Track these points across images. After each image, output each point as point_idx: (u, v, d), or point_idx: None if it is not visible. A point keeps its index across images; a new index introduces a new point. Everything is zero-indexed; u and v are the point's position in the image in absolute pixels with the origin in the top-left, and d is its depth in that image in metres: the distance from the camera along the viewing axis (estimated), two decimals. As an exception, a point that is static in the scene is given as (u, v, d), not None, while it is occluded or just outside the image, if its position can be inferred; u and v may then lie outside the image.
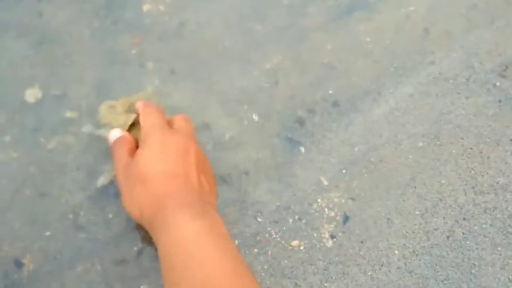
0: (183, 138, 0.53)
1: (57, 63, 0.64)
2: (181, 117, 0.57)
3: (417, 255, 0.58)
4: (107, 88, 0.64)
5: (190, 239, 0.44)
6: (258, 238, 0.58)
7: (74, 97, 0.63)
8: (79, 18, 0.67)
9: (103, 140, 0.57)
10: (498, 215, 0.60)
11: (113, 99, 0.60)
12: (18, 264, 0.56)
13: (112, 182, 0.59)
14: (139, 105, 0.57)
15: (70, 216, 0.58)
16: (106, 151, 0.60)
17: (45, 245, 0.57)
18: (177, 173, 0.50)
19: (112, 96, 0.62)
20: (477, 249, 0.58)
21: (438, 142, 0.64)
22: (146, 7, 0.69)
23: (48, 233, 0.57)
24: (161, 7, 0.69)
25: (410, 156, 0.63)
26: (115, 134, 0.56)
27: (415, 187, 0.61)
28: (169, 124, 0.56)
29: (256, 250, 0.58)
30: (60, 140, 0.61)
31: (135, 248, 0.57)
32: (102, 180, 0.59)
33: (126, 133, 0.56)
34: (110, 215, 0.58)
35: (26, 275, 0.55)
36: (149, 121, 0.54)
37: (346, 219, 0.60)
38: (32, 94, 0.63)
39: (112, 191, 0.59)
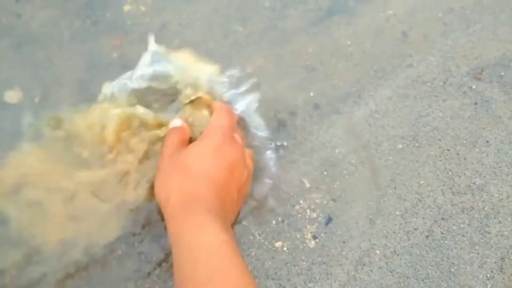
0: (238, 151, 0.53)
1: (37, 64, 0.63)
2: (241, 136, 0.57)
3: (398, 254, 0.59)
4: (88, 89, 0.63)
5: (216, 247, 0.45)
6: (241, 240, 0.59)
7: (54, 99, 0.62)
8: (59, 19, 0.66)
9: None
10: (475, 215, 0.62)
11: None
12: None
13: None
14: (216, 104, 0.57)
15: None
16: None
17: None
18: (218, 181, 0.50)
19: (93, 98, 0.62)
20: (455, 248, 0.60)
21: (417, 144, 0.66)
22: (127, 8, 0.68)
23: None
24: (142, 8, 0.69)
25: (390, 158, 0.65)
26: (176, 123, 0.56)
27: (395, 188, 0.63)
28: (234, 126, 0.56)
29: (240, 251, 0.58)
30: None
31: (119, 252, 0.57)
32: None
33: (185, 125, 0.56)
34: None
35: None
36: (218, 121, 0.54)
37: (328, 220, 0.61)
38: (11, 96, 0.62)
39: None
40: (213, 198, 0.49)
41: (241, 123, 0.59)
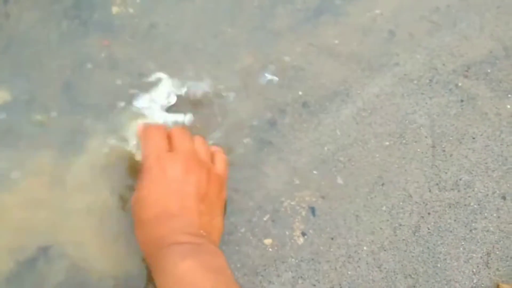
0: (181, 166, 0.52)
1: (25, 65, 0.64)
2: (178, 132, 0.56)
3: (385, 250, 0.60)
4: (76, 91, 0.64)
5: (182, 279, 0.44)
6: (231, 237, 0.59)
7: (43, 100, 0.62)
8: (47, 20, 0.66)
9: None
10: (462, 211, 0.63)
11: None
12: None
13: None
14: (139, 128, 0.57)
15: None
16: (80, 154, 0.60)
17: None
18: (171, 211, 0.50)
19: (81, 99, 0.63)
20: (442, 243, 0.61)
21: (404, 141, 0.66)
22: (115, 9, 0.69)
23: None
24: (130, 9, 0.69)
25: (377, 155, 0.65)
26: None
27: (382, 185, 0.63)
28: (166, 142, 0.55)
29: (229, 248, 0.59)
30: (29, 143, 0.60)
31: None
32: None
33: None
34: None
35: None
36: (147, 148, 0.54)
37: (316, 217, 0.61)
38: (0, 97, 0.62)
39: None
40: (172, 230, 0.49)
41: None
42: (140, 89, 0.64)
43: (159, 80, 0.65)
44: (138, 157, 0.60)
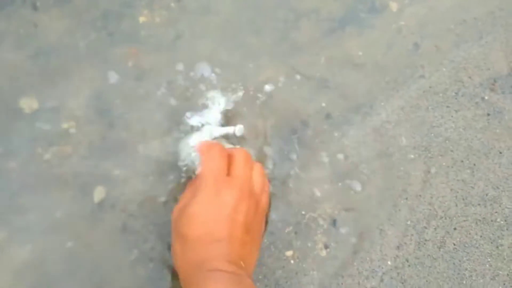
0: (236, 193, 0.52)
1: (53, 74, 0.65)
2: (241, 159, 0.55)
3: (409, 265, 0.59)
4: (103, 99, 0.64)
5: None
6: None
7: (70, 108, 0.63)
8: (75, 30, 0.67)
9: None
10: (488, 227, 0.61)
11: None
12: (17, 276, 0.55)
13: (108, 195, 0.59)
14: (202, 146, 0.56)
15: (66, 226, 0.58)
16: (105, 163, 0.61)
17: (42, 255, 0.56)
18: (218, 236, 0.49)
19: (108, 108, 0.63)
20: (468, 260, 0.59)
21: (429, 155, 0.66)
22: (142, 19, 0.69)
23: (44, 244, 0.57)
24: (157, 19, 0.70)
25: (402, 168, 0.65)
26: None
27: (406, 199, 0.63)
28: (229, 162, 0.55)
29: (251, 260, 0.58)
30: (56, 151, 0.61)
31: (131, 257, 0.57)
32: (99, 194, 0.59)
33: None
34: (106, 225, 0.59)
35: (23, 286, 0.55)
36: (207, 167, 0.54)
37: (339, 230, 0.61)
38: (27, 105, 0.63)
39: (108, 203, 0.59)
40: (217, 256, 0.48)
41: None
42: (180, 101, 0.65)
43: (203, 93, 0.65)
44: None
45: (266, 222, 0.60)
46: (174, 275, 0.57)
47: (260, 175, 0.56)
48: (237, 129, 0.57)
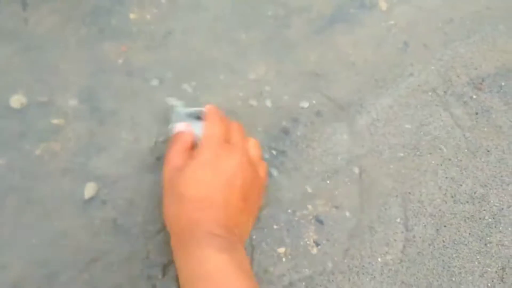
0: (237, 159, 0.52)
1: (42, 70, 0.64)
2: (238, 129, 0.57)
3: (399, 262, 0.60)
4: (92, 95, 0.64)
5: (214, 272, 0.44)
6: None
7: (60, 104, 0.63)
8: (65, 26, 0.67)
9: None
10: (477, 224, 0.62)
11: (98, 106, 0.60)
12: (4, 271, 0.55)
13: (99, 192, 0.59)
14: (208, 109, 0.58)
15: (56, 223, 0.57)
16: (95, 158, 0.60)
17: (31, 252, 0.56)
18: (216, 199, 0.50)
19: (98, 104, 0.63)
20: (457, 257, 0.60)
21: (418, 153, 0.66)
22: (132, 16, 0.69)
23: (34, 241, 0.56)
24: (148, 16, 0.69)
25: (391, 166, 0.65)
26: (179, 127, 0.56)
27: (396, 196, 0.63)
28: (227, 132, 0.56)
29: (242, 258, 0.58)
30: (46, 147, 0.60)
31: (123, 255, 0.57)
32: (89, 191, 0.59)
33: (188, 132, 0.56)
34: (97, 222, 0.58)
35: (12, 282, 0.54)
36: (210, 131, 0.55)
37: (330, 227, 0.61)
38: (17, 100, 0.62)
39: (98, 200, 0.59)
40: (213, 219, 0.49)
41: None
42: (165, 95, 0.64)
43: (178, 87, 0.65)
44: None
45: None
46: (166, 272, 0.57)
47: (256, 147, 0.57)
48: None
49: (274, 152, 0.64)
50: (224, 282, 0.44)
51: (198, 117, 0.59)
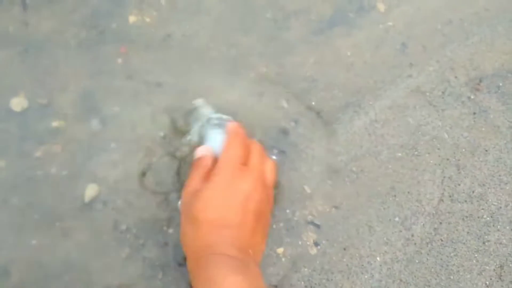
0: (251, 182, 0.53)
1: (43, 72, 0.64)
2: (258, 151, 0.57)
3: (398, 261, 0.60)
4: (93, 98, 0.64)
5: None
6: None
7: (60, 107, 0.63)
8: (65, 29, 0.67)
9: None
10: (475, 223, 0.63)
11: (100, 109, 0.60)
12: (5, 273, 0.55)
13: (99, 193, 0.60)
14: (231, 127, 0.58)
15: (57, 225, 0.58)
16: (95, 161, 0.61)
17: (32, 253, 0.56)
18: (230, 221, 0.50)
19: (98, 106, 0.63)
20: (455, 255, 0.61)
21: (416, 153, 0.67)
22: (132, 19, 0.70)
23: (34, 242, 0.57)
24: (147, 19, 0.70)
25: (390, 166, 0.66)
26: (201, 150, 0.57)
27: (395, 196, 0.64)
28: (245, 153, 0.56)
29: (242, 257, 0.59)
30: (46, 149, 0.61)
31: (123, 255, 0.57)
32: (90, 192, 0.59)
33: (208, 155, 0.56)
34: (97, 223, 0.59)
35: (13, 283, 0.55)
36: (227, 153, 0.55)
37: (329, 227, 0.61)
38: (18, 103, 0.63)
39: (99, 201, 0.59)
40: (227, 240, 0.49)
41: None
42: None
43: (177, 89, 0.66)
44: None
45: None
46: (165, 273, 0.57)
47: (272, 171, 0.57)
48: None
49: (274, 152, 0.65)
50: None
51: (220, 124, 0.59)
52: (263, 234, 0.54)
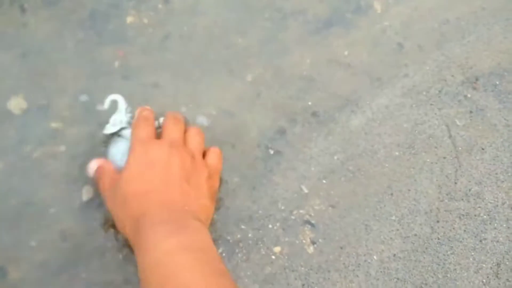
0: (165, 148, 0.54)
1: (41, 74, 0.65)
2: (169, 120, 0.59)
3: (395, 260, 0.60)
4: (91, 99, 0.65)
5: (164, 259, 0.44)
6: (240, 245, 0.60)
7: (58, 108, 0.64)
8: (63, 30, 0.68)
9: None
10: (471, 221, 0.63)
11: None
12: (3, 272, 0.56)
13: (97, 195, 0.60)
14: (138, 112, 0.60)
15: (55, 226, 0.58)
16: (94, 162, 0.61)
17: (30, 254, 0.57)
18: (154, 188, 0.51)
19: (96, 108, 0.64)
20: (452, 254, 0.61)
21: (413, 151, 0.67)
22: (129, 20, 0.70)
23: (33, 243, 0.57)
24: (145, 20, 0.70)
25: (387, 165, 0.66)
26: (93, 166, 0.58)
27: (391, 194, 0.64)
28: (153, 127, 0.58)
29: (239, 256, 0.59)
30: (45, 151, 0.61)
31: (120, 256, 0.58)
32: (87, 193, 0.60)
33: (103, 162, 0.58)
34: (96, 223, 0.59)
35: (11, 283, 0.55)
36: (135, 134, 0.57)
37: (326, 226, 0.61)
38: (16, 105, 0.63)
39: (97, 201, 0.60)
40: (155, 207, 0.49)
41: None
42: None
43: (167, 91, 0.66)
44: None
45: (220, 181, 0.62)
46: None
47: (195, 135, 0.58)
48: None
49: (271, 152, 0.65)
50: (173, 267, 0.43)
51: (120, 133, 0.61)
52: (199, 193, 0.54)
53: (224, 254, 0.59)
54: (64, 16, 0.68)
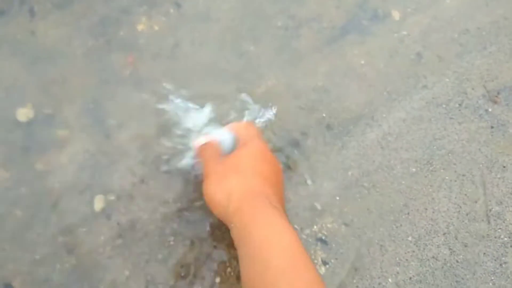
0: (274, 158, 0.55)
1: (49, 82, 0.63)
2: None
3: (411, 283, 0.58)
4: (99, 107, 0.63)
5: (286, 248, 0.45)
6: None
7: (66, 116, 0.62)
8: (72, 37, 0.66)
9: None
10: (492, 244, 0.60)
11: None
12: (8, 287, 0.54)
13: (106, 204, 0.58)
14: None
15: (61, 239, 0.57)
16: (101, 172, 0.59)
17: (35, 268, 0.55)
18: (271, 180, 0.52)
19: (104, 117, 0.62)
20: (471, 278, 0.58)
21: (431, 168, 0.64)
22: (140, 27, 0.68)
23: (38, 257, 0.56)
24: (156, 27, 0.68)
25: (403, 182, 0.63)
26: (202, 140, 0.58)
27: (408, 213, 0.61)
28: None
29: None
30: (51, 160, 0.60)
31: (126, 272, 0.56)
32: (97, 203, 0.58)
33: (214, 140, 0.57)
34: (102, 238, 0.57)
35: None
36: (249, 132, 0.56)
37: (339, 245, 0.59)
38: (24, 113, 0.62)
39: (105, 213, 0.58)
40: (273, 195, 0.50)
41: None
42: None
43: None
44: None
45: None
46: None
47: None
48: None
49: (282, 166, 0.63)
50: (294, 259, 0.44)
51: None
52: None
53: (232, 274, 0.57)
54: (74, 22, 0.67)
